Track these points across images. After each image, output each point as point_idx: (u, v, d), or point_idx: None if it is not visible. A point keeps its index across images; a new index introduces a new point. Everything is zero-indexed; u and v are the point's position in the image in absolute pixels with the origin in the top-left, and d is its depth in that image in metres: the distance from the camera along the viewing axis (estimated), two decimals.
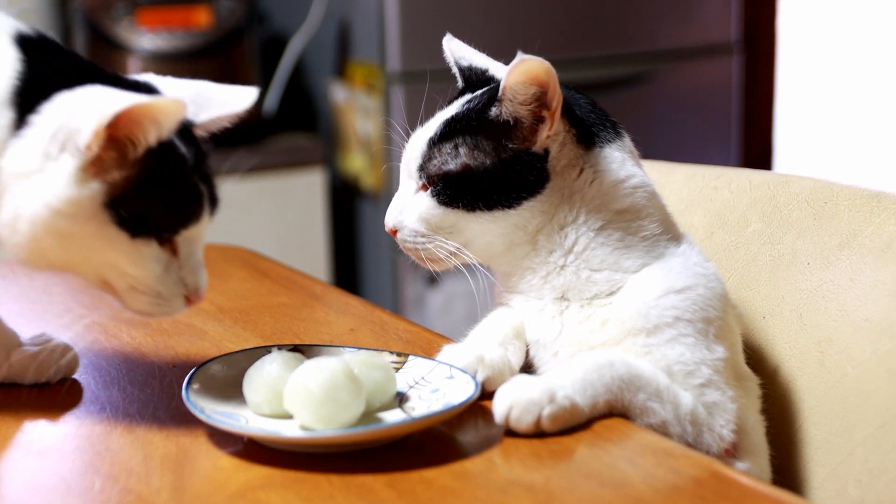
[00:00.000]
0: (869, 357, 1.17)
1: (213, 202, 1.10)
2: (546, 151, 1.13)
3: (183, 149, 1.07)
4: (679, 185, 1.40)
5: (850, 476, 1.16)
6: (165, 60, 2.89)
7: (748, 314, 1.28)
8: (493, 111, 1.12)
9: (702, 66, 3.25)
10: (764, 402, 1.18)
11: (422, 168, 1.15)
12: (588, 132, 1.15)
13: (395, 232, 1.17)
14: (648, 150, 1.23)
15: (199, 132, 1.13)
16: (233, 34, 2.98)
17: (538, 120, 1.12)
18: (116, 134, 1.01)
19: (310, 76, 3.15)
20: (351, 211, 3.11)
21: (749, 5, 3.29)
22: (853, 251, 1.23)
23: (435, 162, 1.14)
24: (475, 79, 1.20)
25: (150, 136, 1.02)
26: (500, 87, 1.12)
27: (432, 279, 2.88)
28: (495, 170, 1.12)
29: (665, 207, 1.19)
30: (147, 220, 1.04)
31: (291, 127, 3.12)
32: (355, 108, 3.00)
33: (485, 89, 1.17)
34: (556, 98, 1.11)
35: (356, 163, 3.04)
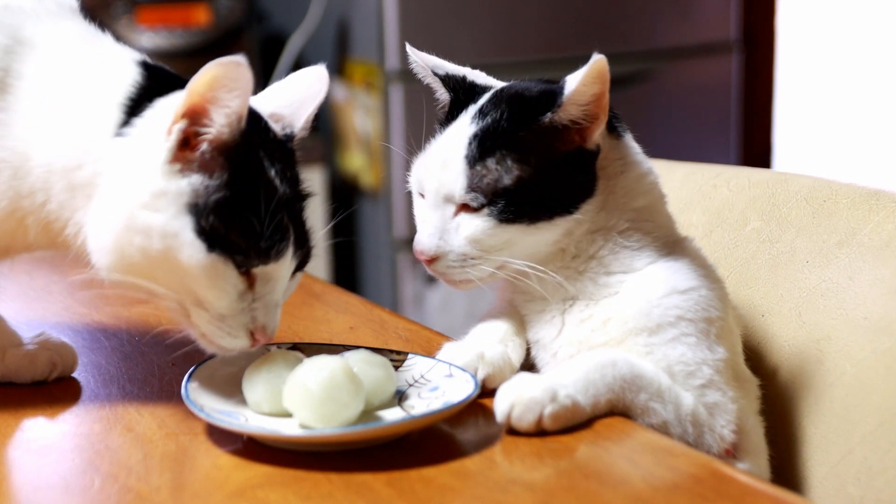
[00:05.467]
0: (868, 355, 1.17)
1: (301, 247, 1.08)
2: (598, 148, 1.13)
3: (278, 183, 1.05)
4: (678, 183, 1.40)
5: (849, 474, 1.16)
6: (165, 59, 2.89)
7: (747, 313, 1.28)
8: (549, 117, 1.09)
9: (701, 65, 3.25)
10: (763, 401, 1.18)
11: (471, 189, 1.10)
12: (612, 120, 1.15)
13: (431, 260, 1.12)
14: (647, 148, 1.23)
15: (303, 133, 1.13)
16: (232, 33, 2.98)
17: (590, 119, 1.10)
18: (196, 115, 1.02)
19: None
20: (350, 209, 3.11)
21: (748, 4, 3.30)
22: (852, 249, 1.23)
23: (487, 180, 1.10)
24: (458, 87, 1.17)
25: (226, 108, 1.01)
26: (567, 91, 1.08)
27: (432, 278, 2.88)
28: (550, 176, 1.10)
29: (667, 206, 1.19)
30: (225, 239, 1.02)
31: None
32: (354, 107, 3.00)
33: (502, 98, 1.13)
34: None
35: (355, 161, 3.04)
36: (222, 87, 1.01)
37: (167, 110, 1.04)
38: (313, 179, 2.99)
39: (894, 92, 3.88)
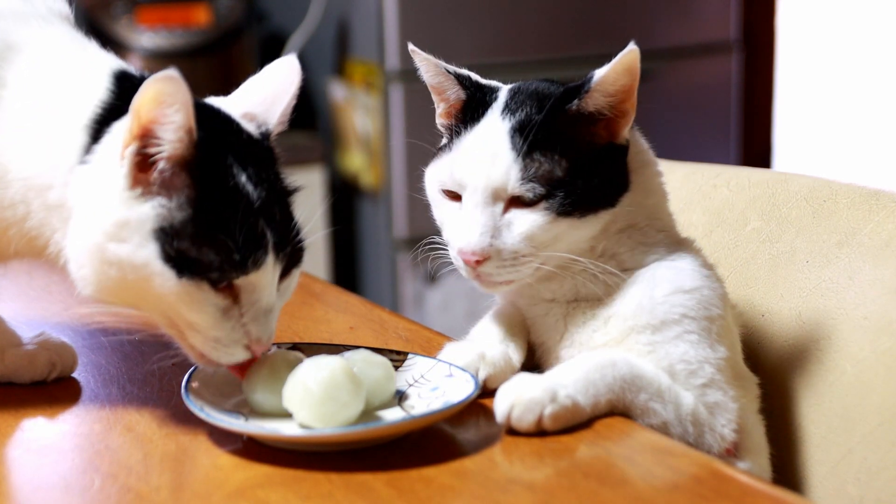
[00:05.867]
0: (868, 355, 1.17)
1: (283, 248, 1.04)
2: (627, 143, 1.13)
3: (249, 187, 1.02)
4: (678, 183, 1.40)
5: (848, 474, 1.16)
6: (165, 59, 2.89)
7: (747, 312, 1.28)
8: (576, 104, 1.09)
9: (701, 65, 3.25)
10: (763, 401, 1.18)
11: (528, 179, 1.08)
12: None
13: (480, 262, 1.09)
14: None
15: (280, 128, 1.10)
16: (232, 32, 2.98)
17: (618, 112, 1.10)
18: (145, 136, 0.99)
19: (309, 75, 3.14)
20: (350, 209, 3.11)
21: (748, 4, 3.30)
22: (852, 249, 1.23)
23: (542, 171, 1.08)
24: (471, 86, 1.16)
25: (171, 124, 0.98)
26: (595, 79, 1.08)
27: (432, 278, 2.88)
28: (592, 168, 1.10)
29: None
30: (194, 262, 0.99)
31: (290, 125, 3.12)
32: (354, 107, 3.00)
33: (525, 94, 1.12)
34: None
35: (355, 161, 3.04)
36: (161, 103, 0.97)
37: (120, 134, 1.01)
38: (313, 179, 2.99)
39: (894, 92, 3.88)
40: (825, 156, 3.95)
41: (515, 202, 1.10)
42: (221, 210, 1.00)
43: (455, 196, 1.13)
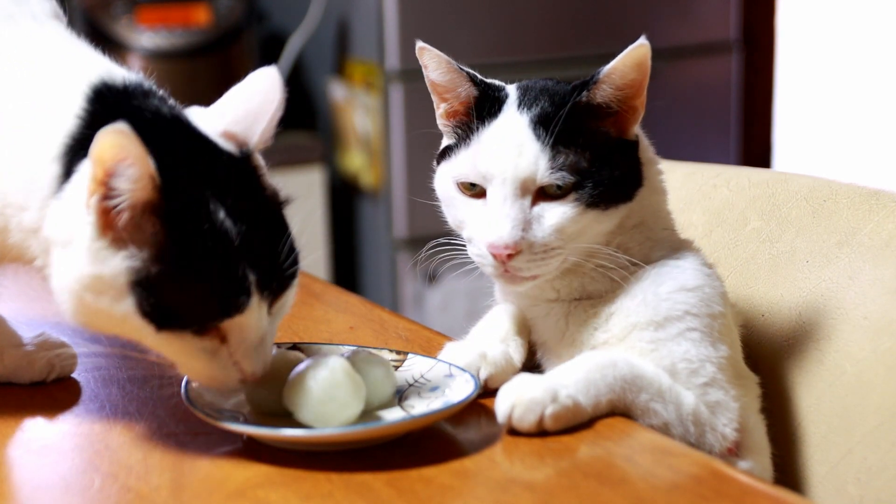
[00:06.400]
0: (868, 355, 1.17)
1: (269, 284, 0.99)
2: (637, 139, 1.14)
3: (228, 224, 0.97)
4: (678, 183, 1.40)
5: (848, 474, 1.16)
6: (164, 59, 2.89)
7: (747, 312, 1.28)
8: (585, 94, 1.10)
9: (701, 65, 3.25)
10: (763, 401, 1.18)
11: (558, 168, 1.08)
12: None
13: (511, 256, 1.09)
14: None
15: (262, 146, 1.05)
16: (232, 32, 2.98)
17: (626, 108, 1.11)
18: (105, 187, 0.95)
19: (309, 74, 3.15)
20: (350, 209, 3.11)
21: (748, 4, 3.30)
22: (852, 249, 1.23)
23: (569, 160, 1.09)
24: (481, 83, 1.15)
25: (127, 176, 0.93)
26: (603, 70, 1.09)
27: (431, 277, 2.88)
28: (611, 161, 1.10)
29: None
30: (173, 314, 0.96)
31: (290, 125, 3.11)
32: (354, 107, 3.00)
33: (534, 90, 1.13)
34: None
35: (355, 161, 3.04)
36: (113, 157, 0.93)
37: (85, 178, 0.97)
38: (313, 179, 2.99)
39: (894, 92, 3.88)
40: (825, 156, 3.95)
41: (542, 196, 1.10)
42: (196, 255, 0.96)
43: (475, 194, 1.12)
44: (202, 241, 0.96)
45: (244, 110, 1.05)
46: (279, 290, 1.01)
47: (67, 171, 1.00)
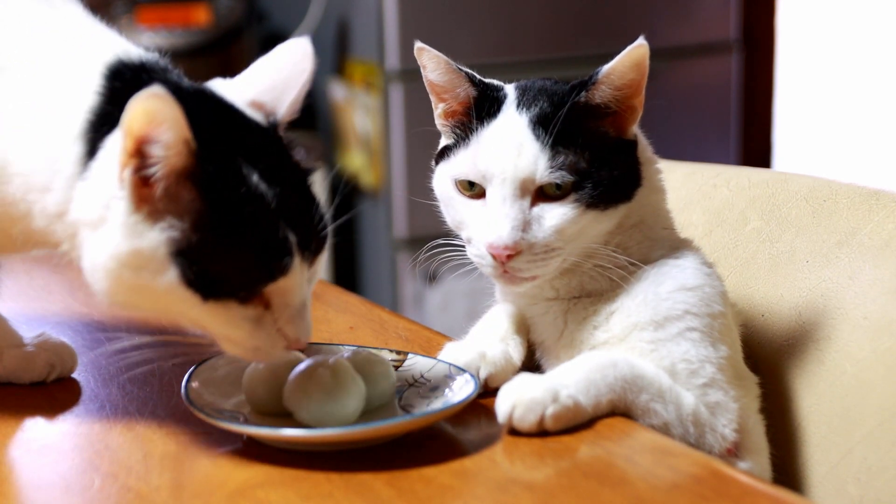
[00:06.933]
0: (868, 355, 1.17)
1: (309, 245, 0.98)
2: (636, 138, 1.14)
3: (263, 187, 0.96)
4: (678, 183, 1.40)
5: (848, 474, 1.16)
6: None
7: (747, 312, 1.28)
8: (584, 95, 1.10)
9: (701, 65, 3.25)
10: (763, 401, 1.18)
11: (557, 167, 1.08)
12: None
13: (511, 256, 1.09)
14: None
15: (291, 117, 1.03)
16: (232, 32, 2.98)
17: (625, 108, 1.12)
18: (139, 155, 0.93)
19: None
20: (350, 209, 3.11)
21: (748, 4, 3.30)
22: (852, 249, 1.23)
23: (569, 160, 1.09)
24: (480, 83, 1.15)
25: (163, 141, 0.92)
26: (602, 71, 1.09)
27: (431, 277, 2.88)
28: (609, 161, 1.11)
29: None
30: (218, 282, 0.95)
31: (290, 125, 3.12)
32: (354, 107, 3.00)
33: (533, 90, 1.13)
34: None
35: (355, 161, 3.04)
36: (149, 123, 0.92)
37: (115, 153, 0.95)
38: (313, 179, 2.99)
39: (894, 92, 3.88)
40: (825, 156, 3.95)
41: (541, 196, 1.10)
42: (237, 219, 0.95)
43: (475, 194, 1.12)
44: (241, 206, 0.95)
45: (273, 80, 1.04)
46: (317, 251, 1.00)
47: (91, 149, 0.98)
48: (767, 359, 1.26)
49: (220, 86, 1.04)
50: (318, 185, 2.98)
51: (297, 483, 0.97)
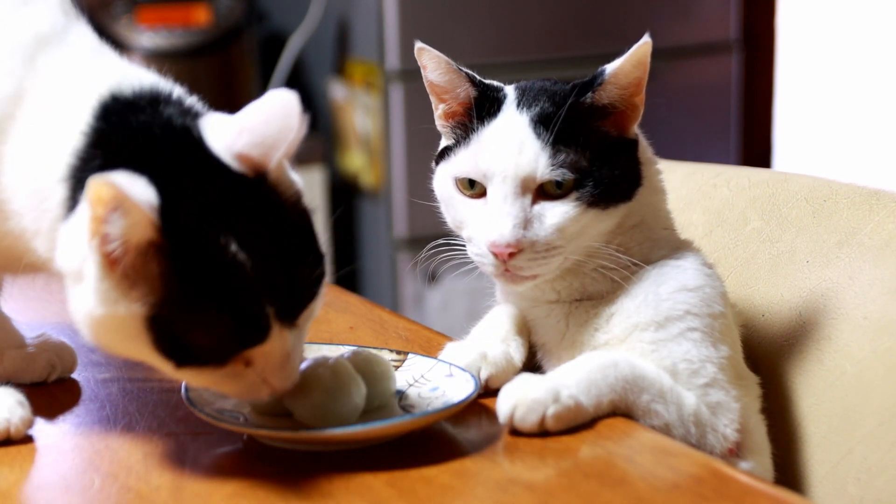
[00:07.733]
0: (868, 355, 1.17)
1: (290, 312, 0.96)
2: (637, 137, 1.14)
3: (241, 255, 0.92)
4: (678, 183, 1.40)
5: (849, 474, 1.16)
6: (164, 59, 2.89)
7: (747, 312, 1.28)
8: (591, 96, 1.10)
9: (701, 65, 3.25)
10: (763, 401, 1.18)
11: (558, 165, 1.08)
12: None
13: (513, 254, 1.09)
14: None
15: (277, 173, 0.97)
16: (232, 32, 2.98)
17: (628, 106, 1.12)
18: (101, 234, 0.91)
19: (309, 74, 3.15)
20: (350, 209, 3.11)
21: (748, 4, 3.30)
22: (852, 249, 1.23)
23: (570, 158, 1.09)
24: (480, 83, 1.15)
25: (120, 224, 0.89)
26: (609, 70, 1.10)
27: (431, 277, 2.88)
28: (610, 160, 1.11)
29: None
30: (191, 350, 0.93)
31: None
32: (354, 106, 3.00)
33: (533, 91, 1.13)
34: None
35: (355, 161, 3.04)
36: (103, 207, 0.89)
37: (86, 216, 0.92)
38: (313, 179, 2.99)
39: (894, 92, 3.88)
40: (825, 156, 3.95)
41: (542, 195, 1.10)
42: (209, 291, 0.92)
43: (475, 194, 1.12)
44: (213, 278, 0.92)
45: (262, 134, 0.97)
46: (301, 311, 0.98)
47: (74, 194, 0.96)
48: (767, 359, 1.26)
49: (211, 127, 0.99)
50: (318, 185, 2.99)
51: (297, 483, 0.97)
